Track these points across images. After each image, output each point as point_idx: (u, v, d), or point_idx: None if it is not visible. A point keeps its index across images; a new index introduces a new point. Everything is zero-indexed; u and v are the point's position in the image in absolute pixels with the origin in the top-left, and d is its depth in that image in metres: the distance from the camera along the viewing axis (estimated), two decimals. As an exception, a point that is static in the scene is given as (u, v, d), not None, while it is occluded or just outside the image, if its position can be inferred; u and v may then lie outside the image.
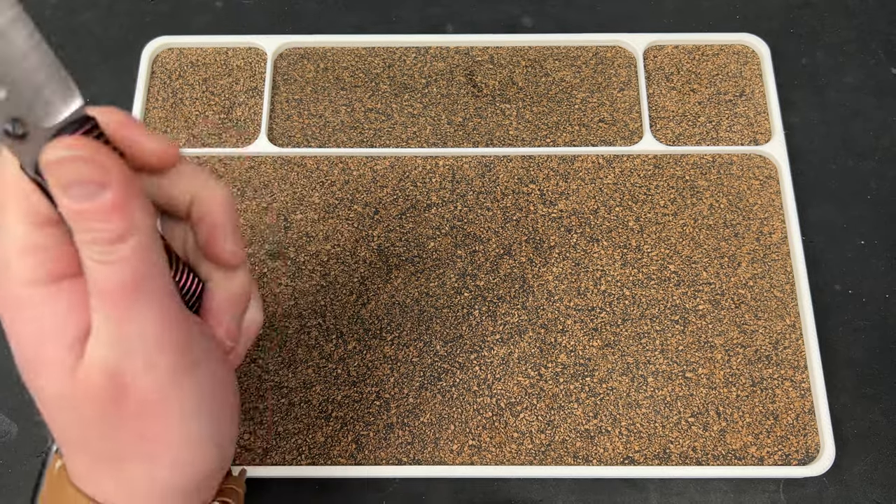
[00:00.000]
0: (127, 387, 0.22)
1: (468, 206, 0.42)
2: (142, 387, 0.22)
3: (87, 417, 0.23)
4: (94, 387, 0.22)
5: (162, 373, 0.23)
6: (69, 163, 0.21)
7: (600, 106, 0.45)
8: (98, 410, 0.23)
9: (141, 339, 0.22)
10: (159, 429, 0.23)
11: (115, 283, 0.22)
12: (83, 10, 0.49)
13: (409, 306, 0.40)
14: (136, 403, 0.23)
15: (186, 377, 0.23)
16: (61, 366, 0.22)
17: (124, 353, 0.22)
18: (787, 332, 0.39)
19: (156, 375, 0.23)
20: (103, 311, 0.22)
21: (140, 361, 0.22)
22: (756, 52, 0.46)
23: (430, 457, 0.37)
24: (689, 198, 0.43)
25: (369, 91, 0.45)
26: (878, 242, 0.42)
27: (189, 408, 0.24)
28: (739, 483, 0.37)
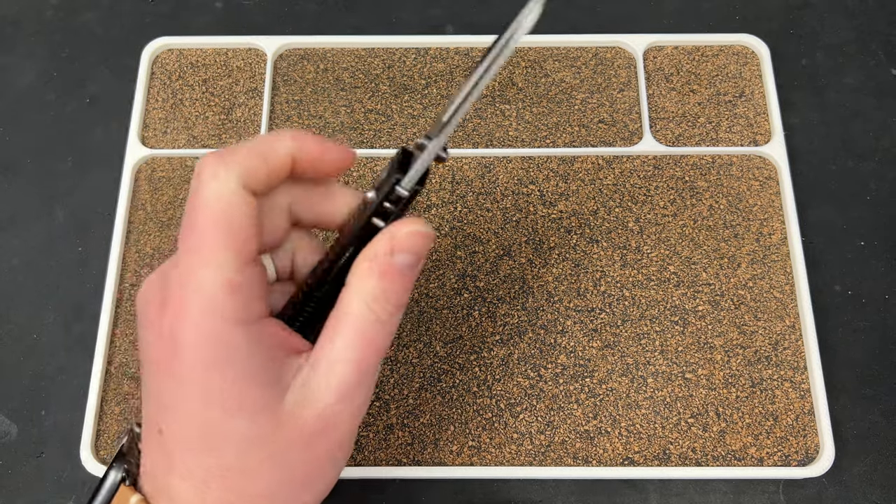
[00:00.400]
0: (329, 430, 0.24)
1: (468, 207, 0.42)
2: (340, 433, 0.24)
3: (273, 454, 0.23)
4: (301, 426, 0.23)
5: (358, 424, 0.25)
6: (421, 237, 0.24)
7: (600, 107, 0.45)
8: (290, 448, 0.23)
9: (367, 394, 0.25)
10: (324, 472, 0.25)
11: (384, 342, 0.24)
12: (84, 11, 0.49)
13: (408, 307, 0.40)
14: (326, 447, 0.24)
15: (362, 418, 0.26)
16: (264, 403, 0.23)
17: (352, 402, 0.24)
18: (786, 333, 0.39)
19: (354, 426, 0.25)
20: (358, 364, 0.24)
21: (357, 413, 0.25)
22: (756, 53, 0.46)
23: (429, 458, 0.37)
24: (689, 199, 0.43)
25: (369, 92, 0.45)
26: (877, 243, 0.42)
27: (348, 454, 0.26)
28: (739, 484, 0.37)
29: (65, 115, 0.46)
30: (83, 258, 0.42)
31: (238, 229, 0.23)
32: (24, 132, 0.45)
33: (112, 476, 0.25)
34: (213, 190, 0.23)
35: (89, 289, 0.41)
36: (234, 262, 0.23)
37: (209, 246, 0.22)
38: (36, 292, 0.42)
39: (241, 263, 0.23)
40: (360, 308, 0.24)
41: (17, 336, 0.41)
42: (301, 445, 0.24)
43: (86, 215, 0.43)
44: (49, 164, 0.45)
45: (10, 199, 0.44)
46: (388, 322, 0.24)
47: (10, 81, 0.47)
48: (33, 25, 0.48)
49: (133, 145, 0.44)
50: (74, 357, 0.40)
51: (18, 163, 0.45)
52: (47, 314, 0.41)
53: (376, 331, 0.24)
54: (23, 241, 0.43)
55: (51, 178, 0.44)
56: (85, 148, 0.45)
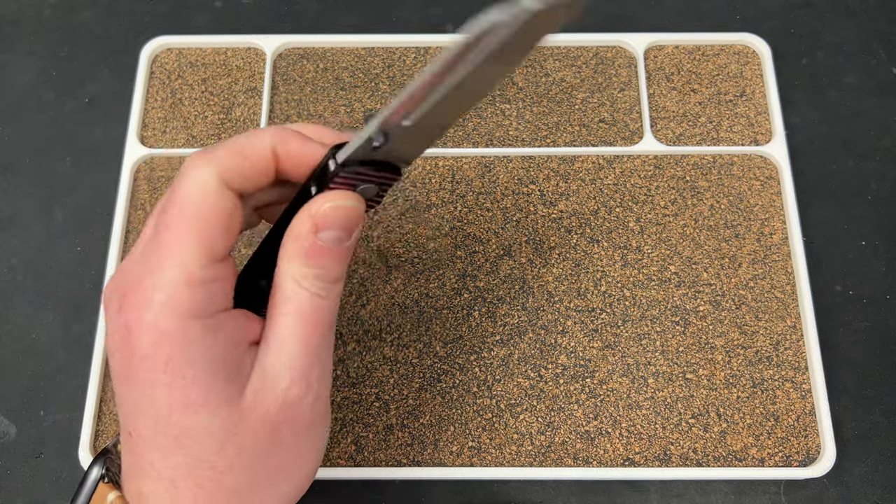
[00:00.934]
0: (293, 415, 0.24)
1: (468, 207, 0.42)
2: (304, 416, 0.24)
3: (241, 447, 0.23)
4: (264, 414, 0.23)
5: (322, 405, 0.25)
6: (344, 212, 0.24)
7: (600, 106, 0.45)
8: (257, 438, 0.23)
9: (321, 372, 0.24)
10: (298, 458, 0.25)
11: (325, 317, 0.24)
12: (82, 10, 0.49)
13: (408, 307, 0.40)
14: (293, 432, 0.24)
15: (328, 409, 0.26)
16: (227, 397, 0.23)
17: (307, 383, 0.24)
18: (787, 333, 0.39)
19: (318, 407, 0.24)
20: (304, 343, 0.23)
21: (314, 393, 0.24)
22: (757, 53, 0.46)
23: (429, 458, 0.37)
24: (690, 198, 0.42)
25: (369, 91, 0.45)
26: (878, 243, 0.42)
27: (321, 437, 0.25)
28: (740, 484, 0.37)
29: (64, 114, 0.46)
30: (82, 258, 0.42)
31: (209, 224, 0.23)
32: (23, 132, 0.45)
33: (94, 472, 0.25)
34: (189, 185, 0.23)
35: (88, 289, 0.41)
36: (200, 257, 0.22)
37: (177, 241, 0.22)
38: (35, 292, 0.41)
39: (207, 259, 0.22)
40: (292, 288, 0.23)
41: (15, 336, 0.41)
42: (267, 435, 0.23)
43: (85, 215, 0.43)
44: (48, 163, 0.44)
45: (9, 198, 0.44)
46: (326, 296, 0.24)
47: (9, 81, 0.47)
48: (32, 25, 0.48)
49: (132, 145, 0.44)
50: (73, 357, 0.40)
51: (17, 162, 0.45)
52: (46, 314, 0.41)
53: (315, 306, 0.24)
54: (22, 240, 0.43)
55: (50, 178, 0.44)
56: (84, 147, 0.45)
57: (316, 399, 0.24)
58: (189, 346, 0.22)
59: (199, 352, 0.22)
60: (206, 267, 0.23)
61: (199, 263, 0.22)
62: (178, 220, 0.22)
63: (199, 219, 0.22)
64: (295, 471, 0.25)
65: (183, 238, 0.22)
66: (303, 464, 0.25)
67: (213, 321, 0.23)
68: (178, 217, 0.23)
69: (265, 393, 0.23)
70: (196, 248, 0.22)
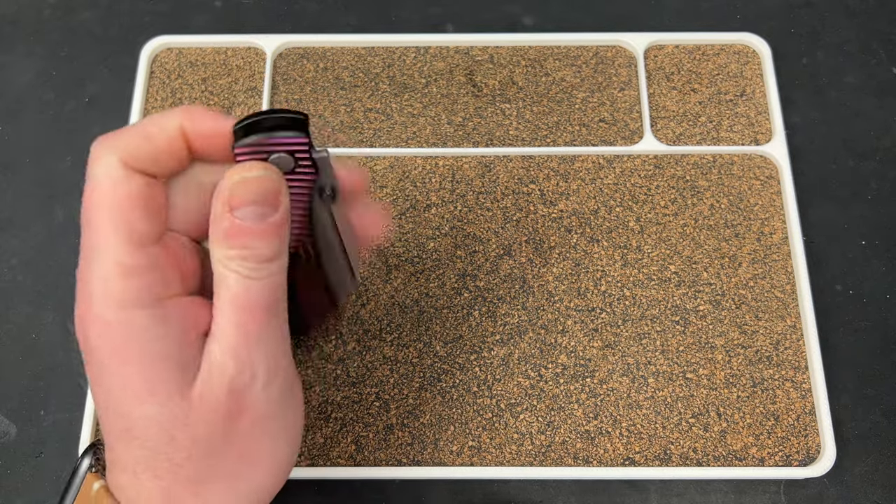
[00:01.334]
0: (245, 404, 0.23)
1: (468, 207, 0.42)
2: (258, 405, 0.23)
3: (195, 437, 0.23)
4: (214, 404, 0.22)
5: (276, 391, 0.23)
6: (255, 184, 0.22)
7: (600, 106, 0.45)
8: (210, 429, 0.23)
9: (266, 357, 0.23)
10: (260, 448, 0.24)
11: (260, 299, 0.22)
12: (82, 10, 0.49)
13: (408, 307, 0.40)
14: (249, 421, 0.23)
15: (289, 397, 0.24)
16: (176, 387, 0.22)
17: (251, 370, 0.23)
18: (787, 333, 0.39)
19: (270, 394, 0.23)
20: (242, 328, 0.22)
21: (261, 380, 0.23)
22: (757, 52, 0.46)
23: (429, 458, 0.37)
24: (690, 198, 0.42)
25: (369, 91, 0.45)
26: (879, 243, 0.42)
27: (284, 427, 0.24)
28: (740, 484, 0.37)
29: (64, 114, 0.46)
30: (82, 258, 0.42)
31: (123, 211, 0.22)
32: (23, 132, 0.45)
33: (84, 463, 0.25)
34: (96, 175, 0.22)
35: (88, 288, 0.41)
36: (123, 245, 0.22)
37: (98, 232, 0.22)
38: (35, 292, 0.41)
39: (132, 246, 0.22)
40: (221, 272, 0.22)
41: (16, 336, 0.41)
42: (221, 425, 0.23)
43: (85, 215, 0.43)
44: (48, 163, 0.44)
45: (9, 198, 0.44)
46: (258, 277, 0.22)
47: (9, 81, 0.47)
48: (32, 25, 0.48)
49: (132, 144, 0.44)
50: (73, 357, 0.40)
51: (17, 162, 0.45)
52: (46, 314, 0.41)
53: (246, 289, 0.22)
54: (22, 240, 0.43)
55: (50, 178, 0.44)
56: (84, 147, 0.44)
57: (266, 385, 0.23)
58: (133, 336, 0.22)
59: (144, 341, 0.22)
60: (134, 254, 0.22)
61: (124, 251, 0.22)
62: (95, 213, 0.22)
63: (113, 208, 0.22)
64: (262, 461, 0.24)
65: (104, 230, 0.22)
66: (270, 453, 0.24)
67: (161, 310, 0.22)
68: (95, 210, 0.22)
69: (213, 382, 0.22)
70: (118, 238, 0.22)
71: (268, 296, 0.23)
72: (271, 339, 0.23)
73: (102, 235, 0.22)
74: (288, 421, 0.25)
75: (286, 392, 0.24)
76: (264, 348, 0.23)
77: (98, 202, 0.22)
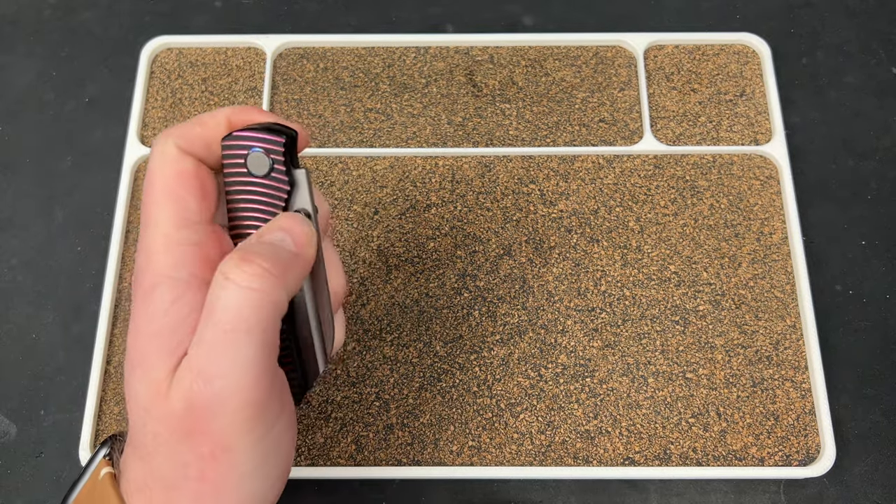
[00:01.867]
0: (207, 427, 0.22)
1: (468, 207, 0.42)
2: (219, 431, 0.22)
3: (156, 434, 0.22)
4: (173, 410, 0.22)
5: (241, 424, 0.22)
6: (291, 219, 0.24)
7: (600, 106, 0.45)
8: (169, 433, 0.22)
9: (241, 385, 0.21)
10: (219, 478, 0.22)
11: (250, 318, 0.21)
12: (82, 10, 0.49)
13: (408, 307, 0.40)
14: (208, 445, 0.22)
15: (260, 437, 0.23)
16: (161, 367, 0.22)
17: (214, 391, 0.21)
18: (787, 333, 0.39)
19: (236, 425, 0.22)
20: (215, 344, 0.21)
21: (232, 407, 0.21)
22: (756, 52, 0.46)
23: (429, 458, 0.37)
24: (690, 198, 0.42)
25: (369, 91, 0.45)
26: (878, 243, 0.42)
27: (251, 467, 0.23)
28: (740, 484, 0.37)
29: (64, 114, 0.46)
30: (82, 258, 0.42)
31: (175, 186, 0.23)
32: (24, 132, 0.45)
33: (102, 451, 0.26)
34: (154, 159, 0.24)
35: (88, 288, 0.41)
36: (174, 219, 0.23)
37: (152, 207, 0.23)
38: (35, 292, 0.41)
39: (178, 220, 0.23)
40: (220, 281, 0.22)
41: (16, 336, 0.41)
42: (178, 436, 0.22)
43: (85, 215, 0.43)
44: (48, 163, 0.44)
45: (9, 198, 0.44)
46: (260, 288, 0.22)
47: (10, 81, 0.47)
48: (32, 25, 0.48)
49: (132, 144, 0.44)
50: (73, 357, 0.40)
51: (18, 162, 0.45)
52: (46, 314, 0.41)
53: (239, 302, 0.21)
54: (22, 240, 0.43)
55: (50, 178, 0.44)
56: (84, 147, 0.45)
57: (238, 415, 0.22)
58: (150, 306, 0.23)
59: (156, 312, 0.23)
60: (182, 228, 0.23)
61: (173, 225, 0.23)
62: (150, 192, 0.24)
63: (166, 185, 0.23)
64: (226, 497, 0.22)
65: (157, 206, 0.23)
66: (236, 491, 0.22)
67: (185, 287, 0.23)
68: (150, 190, 0.24)
69: (176, 387, 0.22)
70: (169, 212, 0.23)
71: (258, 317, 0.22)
72: (252, 366, 0.21)
73: (154, 210, 0.23)
74: (256, 464, 0.23)
75: (257, 432, 0.22)
76: (240, 374, 0.21)
77: (154, 182, 0.24)
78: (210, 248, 0.24)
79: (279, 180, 0.24)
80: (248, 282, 0.21)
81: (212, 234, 0.24)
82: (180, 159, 0.24)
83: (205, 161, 0.25)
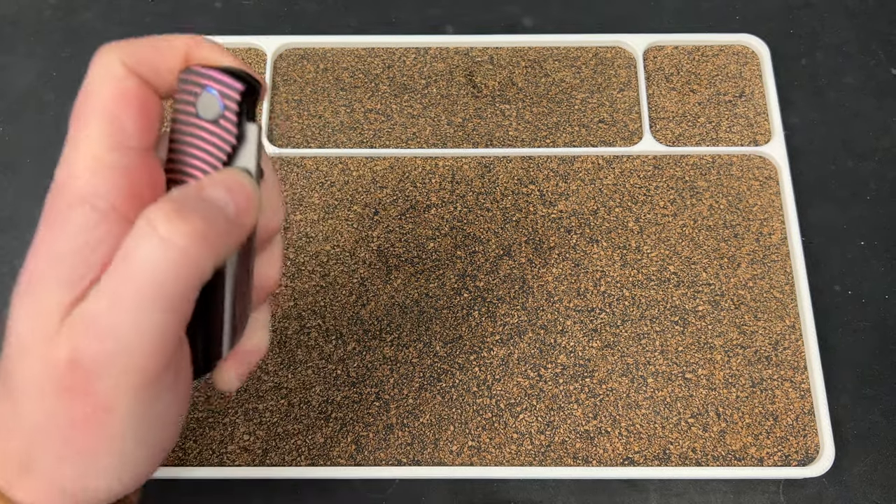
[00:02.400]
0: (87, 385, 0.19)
1: (468, 207, 0.42)
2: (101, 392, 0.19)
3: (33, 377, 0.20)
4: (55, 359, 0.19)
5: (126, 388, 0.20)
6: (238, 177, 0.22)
7: (600, 106, 0.45)
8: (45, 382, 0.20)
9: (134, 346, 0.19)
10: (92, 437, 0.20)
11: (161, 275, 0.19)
12: (83, 10, 0.49)
13: (408, 307, 0.40)
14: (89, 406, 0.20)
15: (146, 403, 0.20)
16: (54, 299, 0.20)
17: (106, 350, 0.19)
18: (786, 333, 0.39)
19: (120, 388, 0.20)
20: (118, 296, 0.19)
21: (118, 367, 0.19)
22: (756, 53, 0.46)
23: (429, 458, 0.37)
24: (689, 198, 0.43)
25: (369, 92, 0.45)
26: (878, 243, 0.42)
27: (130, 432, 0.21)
28: (739, 484, 0.37)
29: (64, 114, 0.45)
30: (83, 258, 0.42)
31: (110, 107, 0.21)
32: (24, 132, 0.45)
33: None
34: (93, 71, 0.22)
35: (89, 289, 0.41)
36: (102, 139, 0.21)
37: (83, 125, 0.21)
38: (35, 292, 0.41)
39: (110, 142, 0.21)
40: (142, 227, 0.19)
41: (16, 336, 0.41)
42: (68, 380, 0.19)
43: (85, 215, 0.43)
44: (49, 164, 0.44)
45: (9, 199, 0.44)
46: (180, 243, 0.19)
47: (10, 81, 0.47)
48: (32, 25, 0.48)
49: (133, 145, 0.44)
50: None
51: (18, 163, 0.45)
52: (47, 314, 0.41)
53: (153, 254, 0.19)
54: (22, 242, 0.43)
55: (50, 179, 0.44)
56: (84, 148, 0.45)
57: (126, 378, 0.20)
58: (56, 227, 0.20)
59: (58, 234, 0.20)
60: (113, 151, 0.21)
61: (105, 146, 0.21)
62: (83, 107, 0.21)
63: (104, 102, 0.21)
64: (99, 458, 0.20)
65: (90, 123, 0.21)
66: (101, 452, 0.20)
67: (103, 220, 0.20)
68: (84, 104, 0.21)
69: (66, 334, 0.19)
70: (102, 131, 0.21)
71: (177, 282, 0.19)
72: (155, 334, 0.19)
73: (85, 128, 0.21)
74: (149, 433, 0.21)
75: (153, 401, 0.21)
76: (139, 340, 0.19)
77: (89, 94, 0.21)
78: (140, 180, 0.21)
79: (227, 130, 0.22)
80: (177, 239, 0.19)
81: (145, 163, 0.21)
82: (124, 77, 0.21)
83: (151, 85, 0.22)
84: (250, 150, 0.22)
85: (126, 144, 0.21)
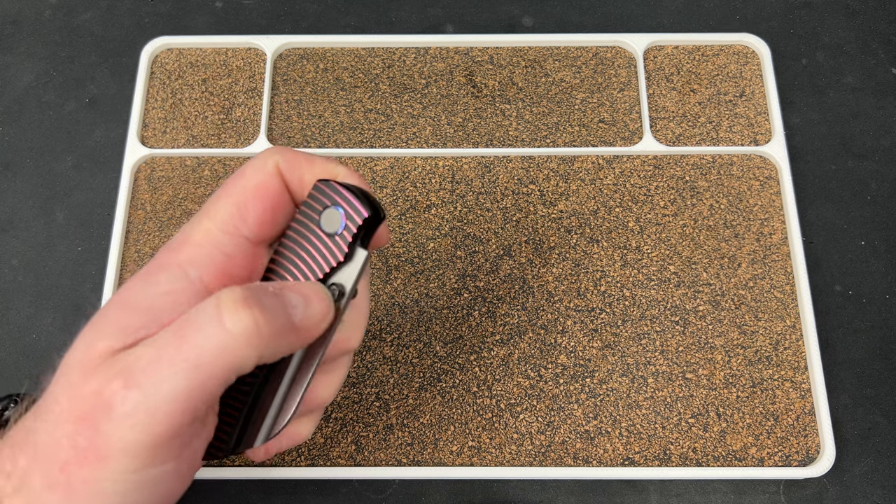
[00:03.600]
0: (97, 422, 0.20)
1: (468, 207, 0.42)
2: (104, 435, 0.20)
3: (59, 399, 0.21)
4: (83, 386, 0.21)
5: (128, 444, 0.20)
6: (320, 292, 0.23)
7: (600, 106, 0.45)
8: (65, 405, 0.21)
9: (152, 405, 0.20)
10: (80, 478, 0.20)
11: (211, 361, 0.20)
12: (83, 11, 0.49)
13: (408, 307, 0.40)
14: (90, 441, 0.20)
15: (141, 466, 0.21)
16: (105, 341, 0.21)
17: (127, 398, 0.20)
18: (787, 333, 0.39)
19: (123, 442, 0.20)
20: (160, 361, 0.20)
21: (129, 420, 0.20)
22: (756, 53, 0.46)
23: (429, 458, 0.37)
24: (689, 198, 0.42)
25: (369, 91, 0.45)
26: (878, 243, 0.42)
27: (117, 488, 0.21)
28: (739, 484, 0.37)
29: (64, 114, 0.46)
30: (82, 258, 0.42)
31: (244, 196, 0.23)
32: (24, 132, 0.45)
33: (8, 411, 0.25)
34: (251, 163, 0.24)
35: (88, 289, 0.41)
36: (222, 220, 0.23)
37: (215, 201, 0.23)
38: (35, 293, 0.41)
39: (227, 225, 0.23)
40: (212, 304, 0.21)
41: (16, 336, 0.41)
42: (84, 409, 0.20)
43: (85, 215, 0.43)
44: (49, 164, 0.45)
45: (9, 199, 0.44)
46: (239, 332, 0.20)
47: (10, 81, 0.47)
48: (32, 26, 0.48)
49: (132, 145, 0.44)
50: (74, 357, 0.40)
51: (18, 163, 0.45)
52: (46, 314, 0.41)
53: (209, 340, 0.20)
54: (22, 241, 0.43)
55: (50, 178, 0.44)
56: (84, 148, 0.45)
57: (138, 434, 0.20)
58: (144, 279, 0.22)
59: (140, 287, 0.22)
60: (226, 234, 0.23)
61: (220, 227, 0.23)
62: (225, 188, 0.23)
63: (242, 190, 0.23)
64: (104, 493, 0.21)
65: (222, 204, 0.23)
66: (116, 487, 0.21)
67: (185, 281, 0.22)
68: (227, 186, 0.23)
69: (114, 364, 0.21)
70: (225, 213, 0.23)
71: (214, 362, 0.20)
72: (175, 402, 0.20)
73: (215, 205, 0.23)
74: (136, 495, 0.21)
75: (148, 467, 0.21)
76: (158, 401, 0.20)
77: (237, 178, 0.23)
78: (238, 264, 0.23)
79: (339, 247, 0.23)
80: (232, 324, 0.20)
81: (251, 253, 0.23)
82: (271, 176, 0.23)
83: (291, 190, 0.24)
84: (352, 271, 0.24)
85: (240, 232, 0.23)
